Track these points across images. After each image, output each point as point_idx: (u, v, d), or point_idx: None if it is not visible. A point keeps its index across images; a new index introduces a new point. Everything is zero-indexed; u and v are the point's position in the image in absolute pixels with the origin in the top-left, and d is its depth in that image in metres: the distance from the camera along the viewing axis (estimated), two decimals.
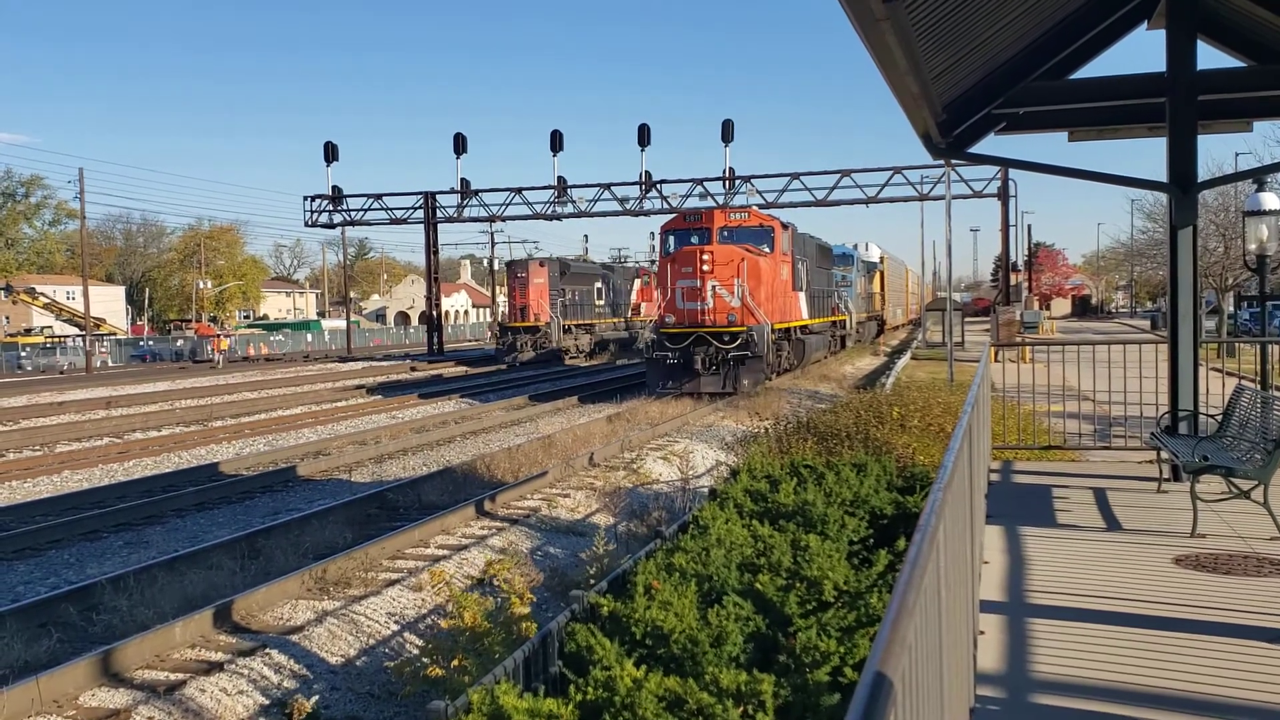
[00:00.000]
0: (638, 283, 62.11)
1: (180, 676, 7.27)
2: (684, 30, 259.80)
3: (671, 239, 28.03)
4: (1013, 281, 46.45)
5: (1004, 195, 43.18)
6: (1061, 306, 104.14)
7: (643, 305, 61.15)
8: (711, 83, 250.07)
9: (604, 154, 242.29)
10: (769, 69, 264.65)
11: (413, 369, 44.13)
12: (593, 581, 7.49)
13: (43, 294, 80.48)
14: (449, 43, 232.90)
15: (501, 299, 59.60)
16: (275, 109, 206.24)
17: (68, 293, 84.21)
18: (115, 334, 76.25)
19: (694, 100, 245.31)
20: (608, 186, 45.59)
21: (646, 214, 45.74)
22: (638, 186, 44.75)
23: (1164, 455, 8.82)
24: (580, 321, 50.45)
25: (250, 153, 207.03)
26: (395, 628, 8.55)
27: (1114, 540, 7.38)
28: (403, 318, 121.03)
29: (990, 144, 10.70)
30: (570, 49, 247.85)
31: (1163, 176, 9.52)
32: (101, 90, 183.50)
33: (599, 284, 54.45)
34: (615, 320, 56.74)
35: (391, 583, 9.60)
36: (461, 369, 45.35)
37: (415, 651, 7.75)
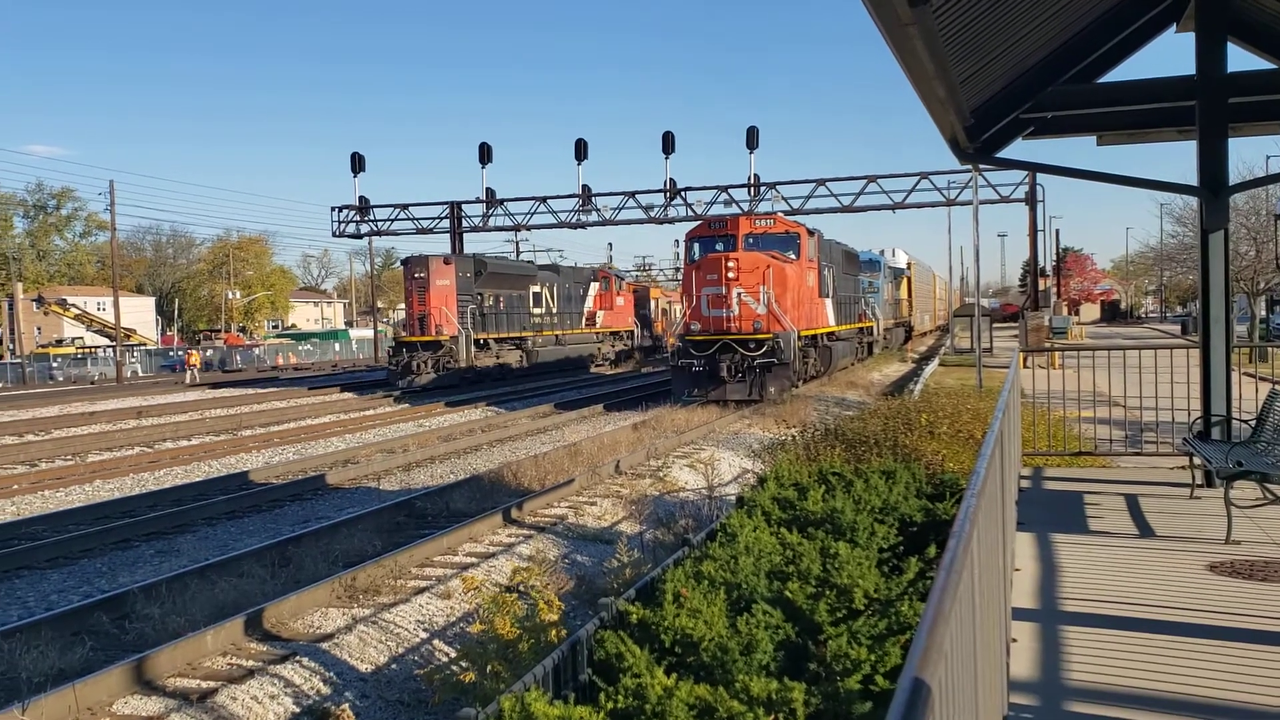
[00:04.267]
0: (594, 287, 50.71)
1: (212, 684, 7.32)
2: (708, 39, 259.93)
3: (696, 246, 28.01)
4: (1041, 287, 46.10)
5: (1032, 200, 42.88)
6: (1091, 312, 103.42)
7: (599, 314, 50.70)
8: (736, 91, 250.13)
9: (628, 162, 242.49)
10: (794, 77, 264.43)
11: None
12: (620, 589, 7.48)
13: (74, 305, 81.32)
14: (474, 53, 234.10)
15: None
16: (303, 119, 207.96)
17: (99, 304, 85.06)
18: (145, 344, 77.00)
19: (719, 108, 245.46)
20: (632, 194, 45.58)
21: (671, 221, 45.57)
22: (662, 194, 44.69)
23: (1196, 461, 8.72)
24: (505, 334, 40.64)
25: (278, 163, 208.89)
26: (425, 635, 8.58)
27: (1147, 547, 7.31)
28: None
29: (1018, 148, 10.64)
30: (595, 59, 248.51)
31: (1192, 180, 9.44)
32: (131, 101, 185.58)
33: (536, 288, 44.03)
34: (559, 333, 45.89)
35: (421, 590, 9.63)
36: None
37: (445, 659, 7.77)
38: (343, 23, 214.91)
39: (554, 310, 45.47)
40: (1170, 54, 12.95)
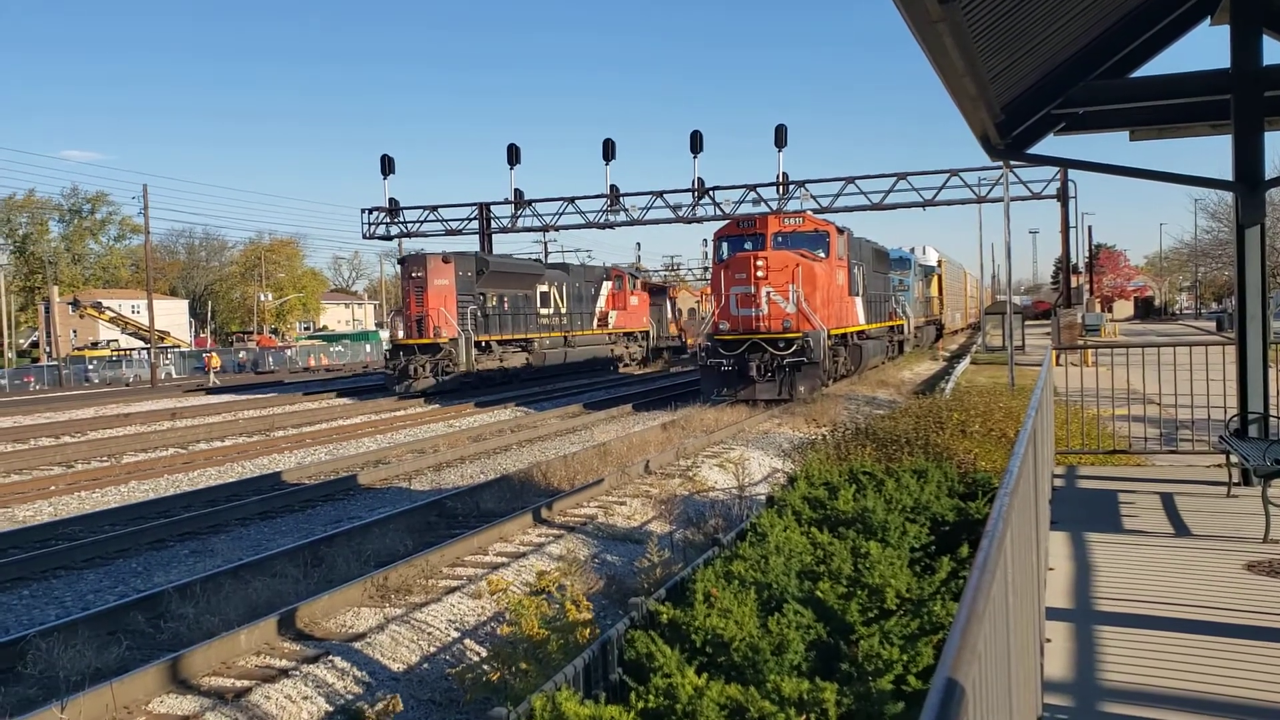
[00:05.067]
0: (607, 286, 48.38)
1: (246, 683, 7.38)
2: (736, 40, 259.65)
3: (725, 245, 27.94)
4: (1074, 284, 45.70)
5: (1064, 196, 42.52)
6: (1124, 309, 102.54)
7: (612, 314, 48.46)
8: (764, 91, 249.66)
9: (656, 162, 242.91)
10: (823, 78, 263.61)
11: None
12: (651, 589, 7.48)
13: (109, 308, 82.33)
14: (503, 55, 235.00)
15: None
16: (333, 122, 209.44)
17: (133, 306, 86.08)
18: (179, 346, 77.80)
19: (747, 108, 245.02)
20: (660, 194, 45.58)
21: (699, 221, 45.52)
22: (690, 193, 44.67)
23: (1233, 459, 8.62)
24: (510, 336, 38.68)
25: (309, 165, 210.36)
26: (456, 634, 8.61)
27: (1182, 546, 7.23)
28: None
29: (1049, 144, 10.55)
30: (623, 60, 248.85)
31: (1228, 175, 9.33)
32: (164, 105, 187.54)
33: (543, 287, 41.94)
34: (569, 334, 43.66)
35: (452, 590, 9.67)
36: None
37: (476, 658, 7.79)
38: (372, 26, 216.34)
39: (563, 311, 43.54)
40: (1204, 48, 12.80)
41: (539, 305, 41.26)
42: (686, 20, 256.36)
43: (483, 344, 36.40)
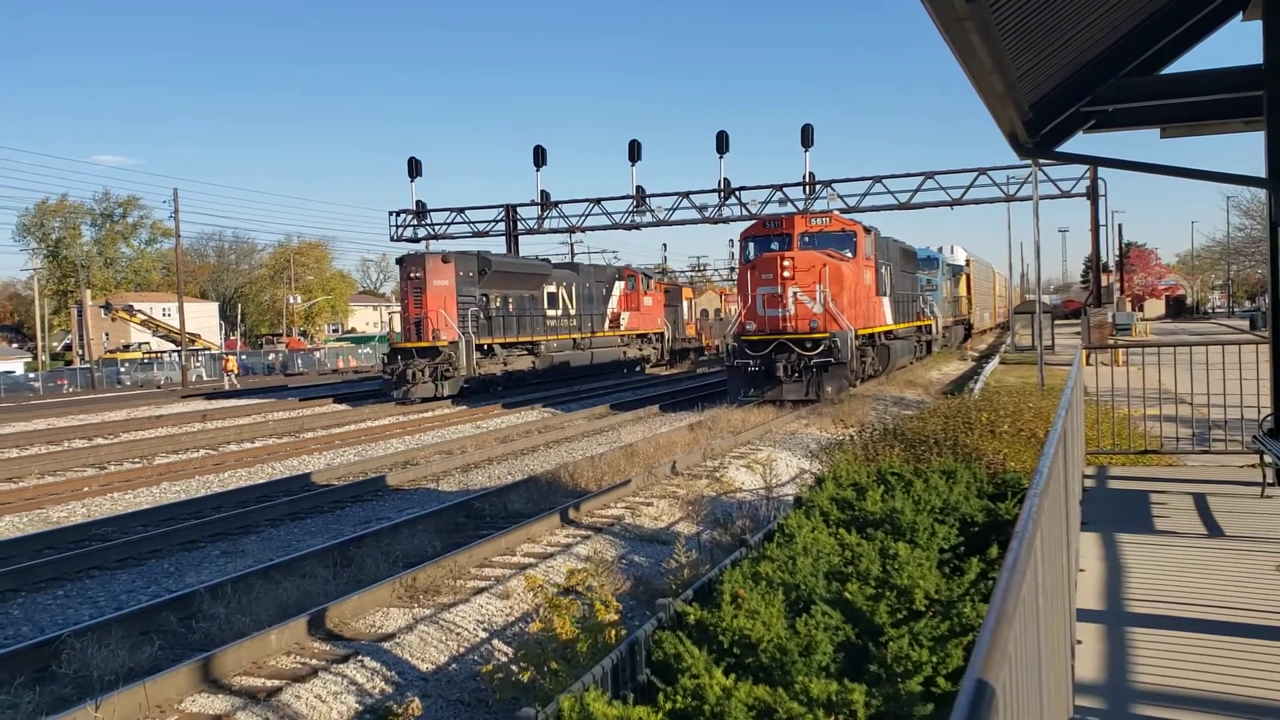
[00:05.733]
0: (619, 286, 46.48)
1: (277, 683, 7.43)
2: (762, 41, 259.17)
3: (751, 245, 27.86)
4: (1104, 283, 45.35)
5: (1093, 194, 42.19)
6: (1155, 307, 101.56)
7: (624, 315, 46.62)
8: (790, 91, 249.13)
9: (682, 163, 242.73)
10: (849, 77, 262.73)
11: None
12: (678, 590, 7.48)
13: (140, 311, 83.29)
14: (529, 57, 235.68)
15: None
16: (361, 124, 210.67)
17: (164, 309, 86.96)
18: (209, 349, 78.50)
19: (773, 108, 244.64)
20: (686, 195, 45.56)
21: (725, 221, 45.47)
22: (716, 194, 44.62)
23: (1267, 459, 8.52)
24: (515, 339, 37.05)
25: (337, 168, 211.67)
26: (484, 635, 8.64)
27: (1215, 547, 7.15)
28: None
29: (1078, 142, 10.46)
30: (649, 62, 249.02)
31: (1260, 171, 9.22)
32: (193, 107, 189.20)
33: (551, 288, 40.26)
34: (578, 336, 42.05)
35: (480, 590, 9.70)
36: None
37: (504, 658, 7.82)
38: (401, 29, 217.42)
39: (572, 312, 41.79)
40: (1236, 43, 12.66)
41: (546, 306, 39.79)
42: (713, 22, 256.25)
43: (485, 347, 34.87)
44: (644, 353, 49.29)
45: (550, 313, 39.94)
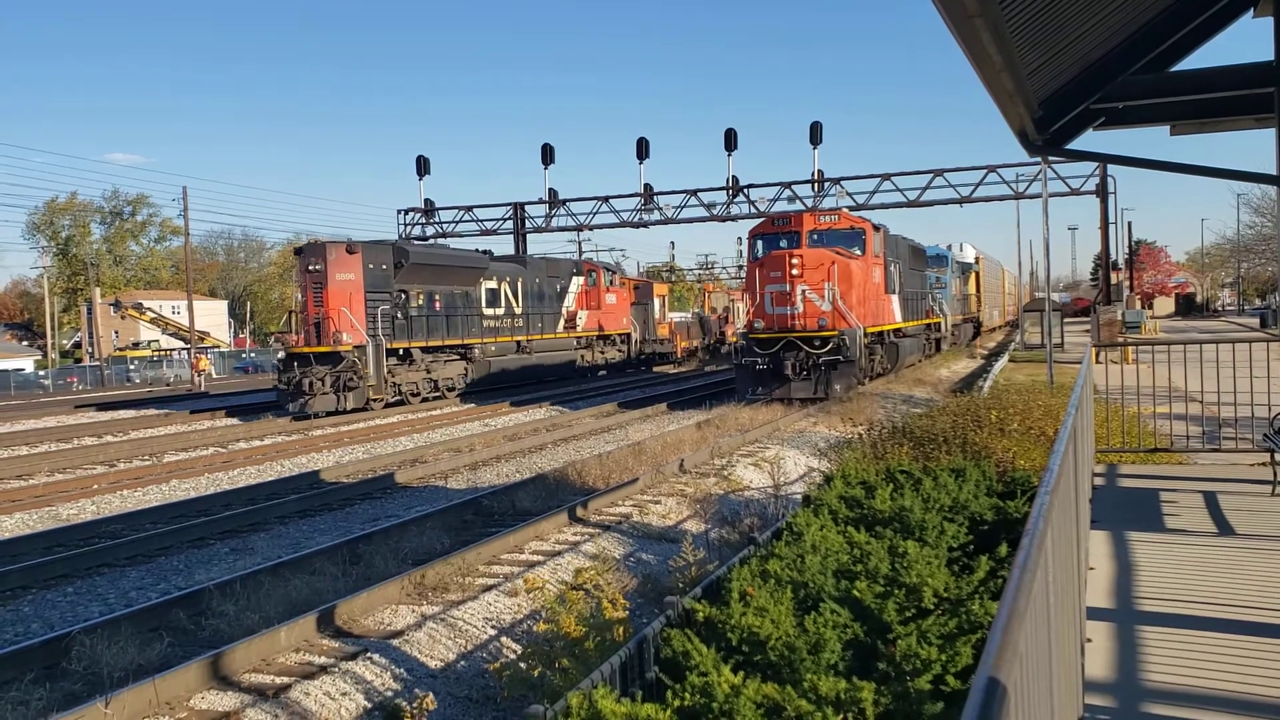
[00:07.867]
0: (577, 282, 41.88)
1: (286, 680, 7.45)
2: (771, 39, 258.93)
3: (759, 243, 27.84)
4: (1113, 280, 45.18)
5: (1103, 192, 42.04)
6: (1165, 305, 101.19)
7: (581, 315, 41.96)
8: (799, 89, 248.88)
9: (690, 160, 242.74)
10: (858, 75, 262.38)
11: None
12: (686, 588, 7.48)
13: (149, 309, 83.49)
14: (537, 56, 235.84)
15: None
16: (369, 123, 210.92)
17: (173, 307, 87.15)
18: (218, 347, 78.69)
19: (781, 106, 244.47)
20: (694, 192, 45.50)
21: (734, 219, 45.35)
22: (725, 191, 44.57)
23: (1278, 458, 8.50)
24: (441, 342, 32.22)
25: (346, 167, 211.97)
26: (493, 632, 8.66)
27: (1226, 545, 7.13)
28: None
29: (1088, 139, 10.43)
30: (657, 60, 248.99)
31: (1271, 169, 9.18)
32: (202, 107, 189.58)
33: (491, 284, 35.45)
34: (524, 338, 37.17)
35: (488, 588, 9.72)
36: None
37: (513, 656, 7.82)
38: (408, 28, 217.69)
39: (518, 311, 37.08)
40: (1246, 41, 12.62)
41: (484, 305, 35.04)
42: (721, 20, 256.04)
43: (402, 352, 30.36)
44: (606, 356, 44.67)
45: (489, 312, 35.31)
